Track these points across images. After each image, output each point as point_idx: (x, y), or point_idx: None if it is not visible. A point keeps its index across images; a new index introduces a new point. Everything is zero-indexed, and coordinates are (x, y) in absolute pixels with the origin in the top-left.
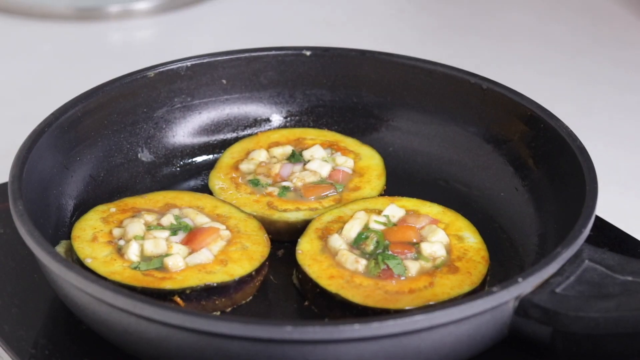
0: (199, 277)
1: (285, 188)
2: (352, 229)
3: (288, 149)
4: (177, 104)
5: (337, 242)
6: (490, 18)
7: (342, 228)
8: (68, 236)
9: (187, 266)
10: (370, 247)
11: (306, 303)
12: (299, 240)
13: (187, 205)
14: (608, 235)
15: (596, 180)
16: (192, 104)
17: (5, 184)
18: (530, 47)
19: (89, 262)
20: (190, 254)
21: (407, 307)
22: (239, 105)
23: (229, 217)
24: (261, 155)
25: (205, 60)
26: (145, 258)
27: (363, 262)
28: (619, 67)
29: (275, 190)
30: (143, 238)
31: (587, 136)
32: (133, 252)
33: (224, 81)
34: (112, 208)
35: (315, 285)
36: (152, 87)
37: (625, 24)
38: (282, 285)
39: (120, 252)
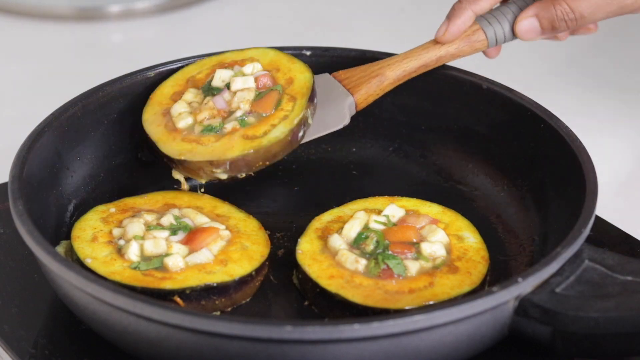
0: (199, 277)
1: (242, 117)
2: (352, 229)
3: (194, 92)
4: None
5: (337, 242)
6: None
7: (342, 228)
8: (68, 236)
9: (187, 266)
10: (370, 247)
11: (306, 303)
12: (299, 240)
13: (186, 205)
14: (608, 235)
15: (596, 180)
16: None
17: (5, 184)
18: (530, 46)
19: (89, 262)
20: (190, 253)
21: (407, 307)
22: None
23: (229, 217)
24: (183, 106)
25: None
26: (145, 258)
27: (363, 262)
28: (620, 66)
29: (234, 124)
30: (143, 238)
31: (587, 136)
32: (133, 252)
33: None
34: (111, 208)
35: (315, 285)
36: (152, 87)
37: (625, 24)
38: (282, 285)
39: (120, 252)
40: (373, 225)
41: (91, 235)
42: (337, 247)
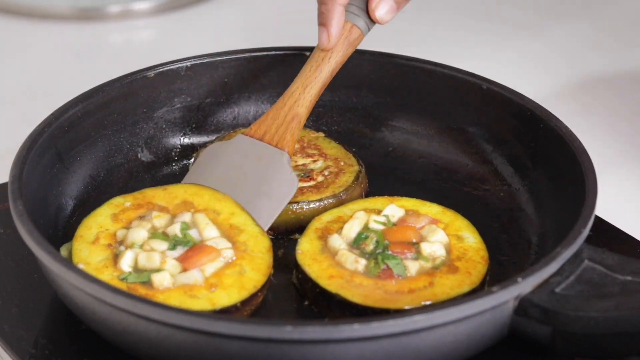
0: (180, 299)
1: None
2: (352, 229)
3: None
4: (177, 104)
5: (337, 242)
6: (490, 18)
7: (341, 228)
8: (68, 236)
9: (174, 285)
10: (370, 247)
11: (306, 303)
12: (299, 240)
13: (203, 208)
14: (608, 235)
15: (596, 180)
16: (192, 104)
17: (5, 184)
18: (530, 47)
19: (81, 267)
20: (182, 271)
21: (406, 307)
22: (239, 105)
23: (242, 230)
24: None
25: (205, 60)
26: (137, 269)
27: (363, 262)
28: (619, 66)
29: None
30: (142, 247)
31: (587, 136)
32: (126, 263)
33: (224, 81)
34: (127, 202)
35: (315, 285)
36: (152, 87)
37: (626, 24)
38: (282, 285)
39: (116, 258)
40: (373, 225)
41: (94, 235)
42: (337, 247)
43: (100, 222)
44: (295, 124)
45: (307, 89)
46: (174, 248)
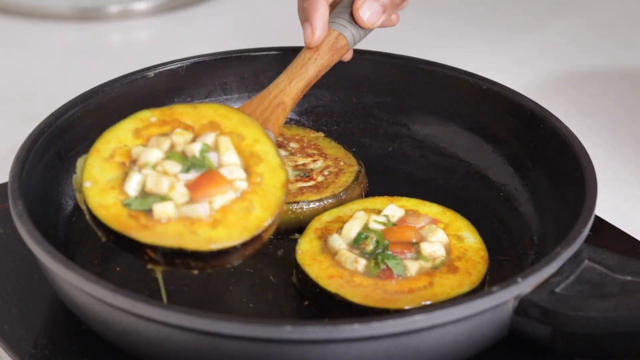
0: (178, 236)
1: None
2: (352, 229)
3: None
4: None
5: (337, 242)
6: (490, 18)
7: (341, 228)
8: (68, 236)
9: (178, 216)
10: (369, 247)
11: (306, 303)
12: (299, 240)
13: (229, 131)
14: (608, 235)
15: (596, 180)
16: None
17: (5, 184)
18: (530, 47)
19: (87, 185)
20: (190, 201)
21: (406, 307)
22: (238, 105)
23: (262, 159)
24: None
25: (205, 60)
26: (144, 194)
27: (363, 262)
28: (620, 66)
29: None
30: (154, 168)
31: (587, 136)
32: (131, 186)
33: (224, 81)
34: (153, 117)
35: (314, 285)
36: (152, 87)
37: (626, 24)
38: (282, 285)
39: (125, 179)
40: (373, 225)
41: (111, 150)
42: (336, 247)
43: (120, 136)
44: (280, 110)
45: (293, 82)
46: (188, 171)
